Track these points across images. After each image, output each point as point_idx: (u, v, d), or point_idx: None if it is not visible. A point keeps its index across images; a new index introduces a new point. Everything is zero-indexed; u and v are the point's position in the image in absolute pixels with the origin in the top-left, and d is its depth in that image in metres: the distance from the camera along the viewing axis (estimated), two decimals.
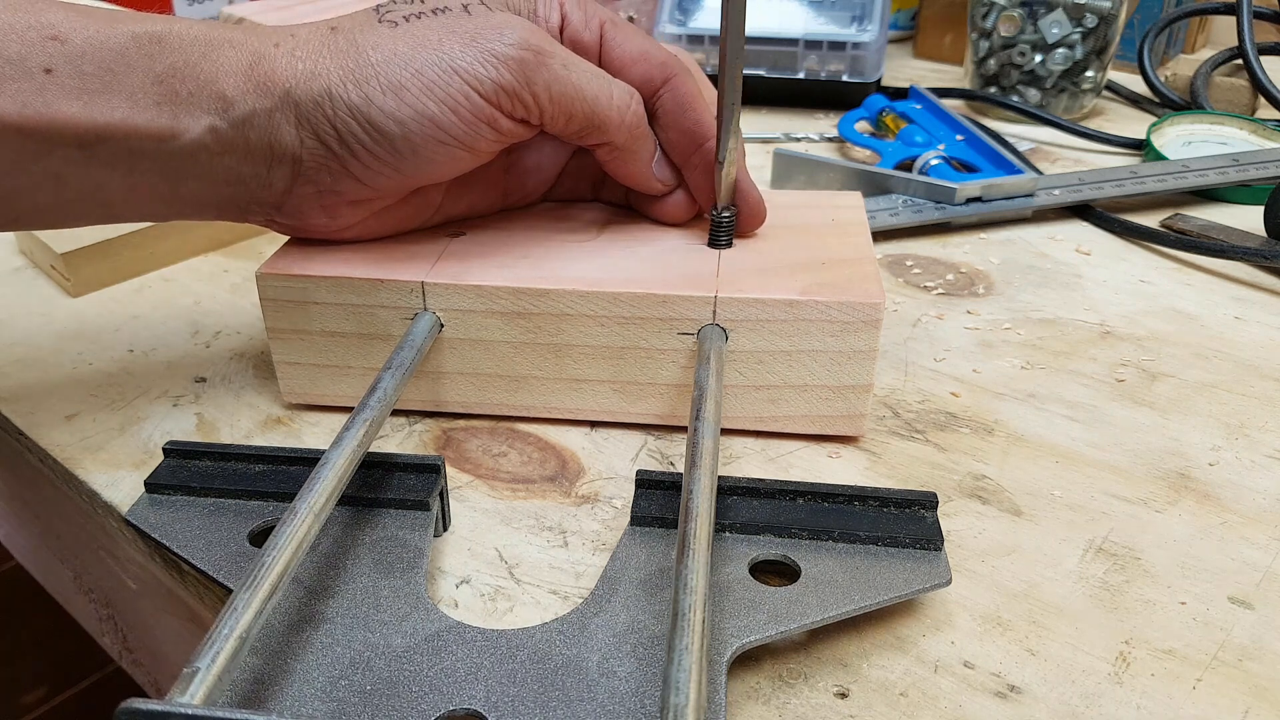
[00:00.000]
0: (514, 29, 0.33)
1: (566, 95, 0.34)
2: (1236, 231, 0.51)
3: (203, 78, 0.32)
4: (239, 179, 0.34)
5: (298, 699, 0.25)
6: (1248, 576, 0.31)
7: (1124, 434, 0.37)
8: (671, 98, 0.37)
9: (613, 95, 0.35)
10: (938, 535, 0.30)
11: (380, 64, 0.32)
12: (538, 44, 0.33)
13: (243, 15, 0.50)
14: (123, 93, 0.31)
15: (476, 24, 0.33)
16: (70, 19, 0.31)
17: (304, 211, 0.35)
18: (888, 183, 0.54)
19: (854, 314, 0.34)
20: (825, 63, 0.69)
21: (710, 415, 0.30)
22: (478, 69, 0.32)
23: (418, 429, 0.38)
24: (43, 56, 0.30)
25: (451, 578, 0.31)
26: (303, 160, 0.34)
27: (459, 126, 0.33)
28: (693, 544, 0.25)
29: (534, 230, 0.39)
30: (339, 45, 0.33)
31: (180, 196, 0.35)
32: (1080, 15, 0.64)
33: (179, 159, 0.33)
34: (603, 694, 0.25)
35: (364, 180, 0.34)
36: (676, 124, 0.37)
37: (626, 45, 0.37)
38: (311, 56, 0.33)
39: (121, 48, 0.31)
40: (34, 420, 0.38)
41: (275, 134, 0.33)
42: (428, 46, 0.33)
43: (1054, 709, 0.27)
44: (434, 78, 0.32)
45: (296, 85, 0.32)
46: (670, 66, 0.37)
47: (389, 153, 0.33)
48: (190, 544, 0.30)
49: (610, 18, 0.37)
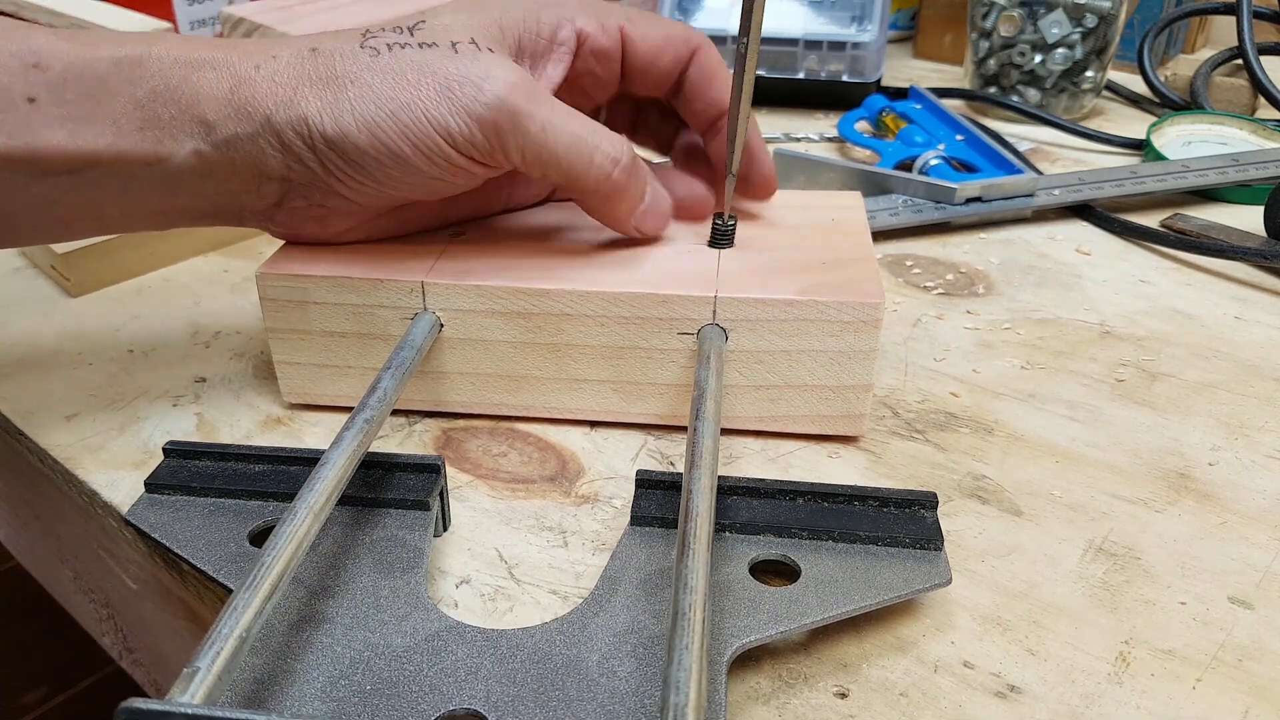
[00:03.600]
0: (494, 82, 0.32)
1: (541, 159, 0.33)
2: (1236, 231, 0.51)
3: (183, 102, 0.32)
4: (231, 193, 0.34)
5: (298, 699, 0.25)
6: (1248, 576, 0.31)
7: (1124, 434, 0.37)
8: (697, 70, 0.37)
9: (592, 160, 0.33)
10: (938, 535, 0.30)
11: (356, 99, 0.32)
12: (514, 104, 0.32)
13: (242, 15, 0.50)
14: (106, 119, 0.31)
15: (458, 70, 0.32)
16: (51, 45, 0.31)
17: (296, 222, 0.36)
18: (888, 183, 0.54)
19: (854, 314, 0.34)
20: (825, 63, 0.69)
21: (710, 415, 0.30)
22: (450, 122, 0.32)
23: (418, 429, 0.38)
24: (25, 86, 0.30)
25: (451, 578, 0.31)
26: (290, 179, 0.34)
27: (434, 168, 0.33)
28: (693, 544, 0.25)
29: (534, 230, 0.39)
30: (318, 70, 0.32)
31: (176, 210, 0.35)
32: (1080, 15, 0.64)
33: (169, 179, 0.33)
34: (603, 694, 0.25)
35: (350, 198, 0.34)
36: (701, 95, 0.37)
37: (649, 38, 0.37)
38: (291, 82, 0.32)
39: (102, 74, 0.31)
40: (34, 420, 0.38)
41: (260, 156, 0.33)
42: (405, 86, 0.32)
43: (1054, 709, 0.27)
44: (407, 122, 0.32)
45: (276, 111, 0.32)
46: (694, 40, 0.37)
47: (369, 179, 0.33)
48: (190, 544, 0.30)
49: (629, 15, 0.37)
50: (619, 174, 0.34)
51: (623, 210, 0.36)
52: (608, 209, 0.36)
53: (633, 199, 0.36)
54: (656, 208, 0.37)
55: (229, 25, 0.50)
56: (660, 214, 0.37)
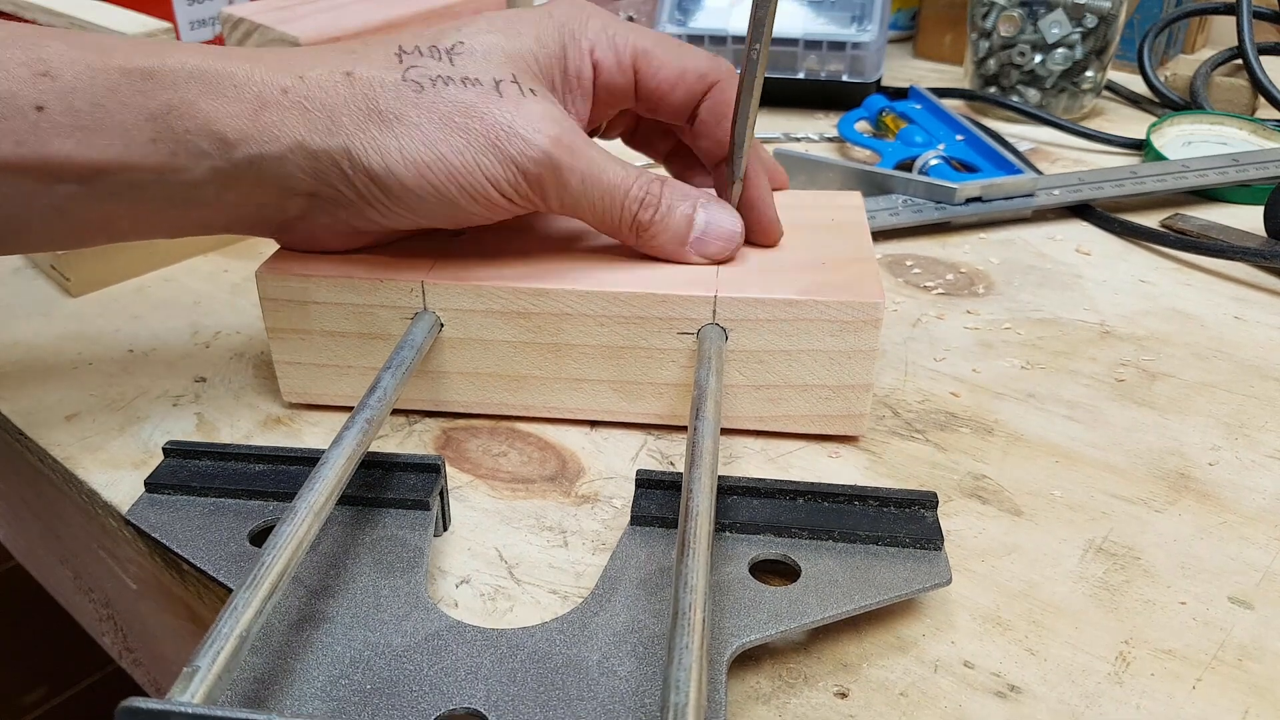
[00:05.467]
0: (540, 137, 0.32)
1: (579, 207, 0.34)
2: (1236, 231, 0.51)
3: (200, 118, 0.31)
4: (252, 205, 0.34)
5: (298, 698, 0.25)
6: (1248, 576, 0.31)
7: (1124, 434, 0.37)
8: (709, 108, 0.37)
9: (622, 207, 0.34)
10: (938, 535, 0.30)
11: (405, 138, 0.32)
12: (558, 159, 0.32)
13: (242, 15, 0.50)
14: (115, 129, 0.31)
15: (505, 119, 0.32)
16: (62, 53, 0.30)
17: (321, 236, 0.36)
18: (888, 183, 0.54)
19: (854, 314, 0.34)
20: (825, 63, 0.69)
21: (710, 415, 0.30)
22: (497, 171, 0.32)
23: (418, 429, 0.38)
24: (34, 94, 0.30)
25: (451, 577, 0.31)
26: (319, 195, 0.33)
27: (476, 208, 0.33)
28: (693, 543, 0.25)
29: (534, 230, 0.39)
30: (358, 101, 0.32)
31: (190, 221, 0.35)
32: (1080, 15, 0.64)
33: (183, 190, 0.32)
34: (603, 693, 0.25)
35: (381, 222, 0.34)
36: (710, 134, 0.37)
37: (662, 73, 0.36)
38: (326, 109, 0.32)
39: (113, 84, 0.31)
40: (34, 420, 0.38)
41: (287, 176, 0.32)
42: (453, 131, 0.32)
43: (1054, 709, 0.27)
44: (457, 165, 0.32)
45: (311, 138, 0.32)
46: (710, 75, 0.37)
47: (406, 210, 0.33)
48: (190, 544, 0.30)
49: (644, 48, 0.36)
50: (644, 213, 0.35)
51: (667, 243, 0.35)
52: (647, 246, 0.36)
53: (673, 231, 0.35)
54: (716, 231, 0.36)
55: (229, 25, 0.50)
56: (723, 236, 0.36)
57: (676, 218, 0.35)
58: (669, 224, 0.35)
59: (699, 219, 0.35)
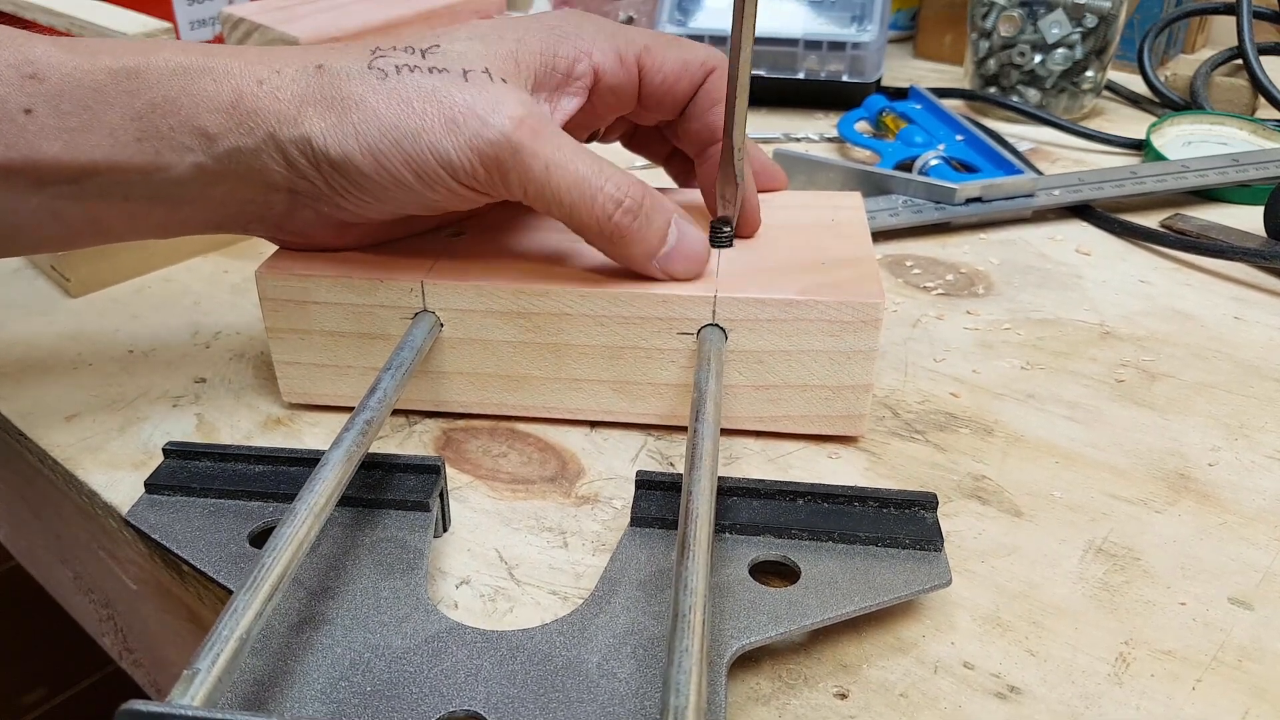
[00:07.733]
0: (499, 117, 0.31)
1: (543, 197, 0.32)
2: (1236, 231, 0.51)
3: (182, 114, 0.31)
4: (238, 202, 0.34)
5: (298, 700, 0.25)
6: (1248, 577, 0.31)
7: (1124, 434, 0.37)
8: (704, 93, 0.37)
9: (594, 202, 0.32)
10: (938, 536, 0.30)
11: (360, 123, 0.31)
12: (519, 140, 0.31)
13: (242, 15, 0.50)
14: (102, 130, 0.31)
15: (465, 100, 0.31)
16: (49, 55, 0.30)
17: (309, 232, 0.36)
18: (888, 183, 0.54)
19: (854, 314, 0.34)
20: (825, 63, 0.68)
21: (710, 415, 0.30)
22: (451, 155, 0.31)
23: (418, 429, 0.38)
24: (21, 97, 0.30)
25: (451, 578, 0.31)
26: (297, 190, 0.33)
27: (435, 194, 0.33)
28: (693, 545, 0.25)
29: (534, 230, 0.39)
30: (323, 89, 0.32)
31: (180, 220, 0.35)
32: (1080, 15, 0.64)
33: (172, 188, 0.33)
34: (603, 695, 0.25)
35: (356, 211, 0.34)
36: (700, 115, 0.37)
37: (665, 67, 0.36)
38: (295, 99, 0.32)
39: (100, 84, 0.31)
40: (34, 420, 0.38)
41: (264, 169, 0.32)
42: (410, 114, 0.31)
43: (1054, 709, 0.27)
44: (410, 151, 0.31)
45: (279, 128, 0.32)
46: (709, 62, 0.37)
47: (373, 198, 0.33)
48: (190, 545, 0.30)
49: (646, 44, 0.36)
50: (620, 216, 0.33)
51: (636, 253, 0.34)
52: (615, 251, 0.34)
53: (646, 242, 0.34)
54: (684, 250, 0.34)
55: (229, 25, 0.50)
56: (690, 256, 0.34)
57: (653, 229, 0.34)
58: (645, 234, 0.34)
59: (671, 234, 0.34)
